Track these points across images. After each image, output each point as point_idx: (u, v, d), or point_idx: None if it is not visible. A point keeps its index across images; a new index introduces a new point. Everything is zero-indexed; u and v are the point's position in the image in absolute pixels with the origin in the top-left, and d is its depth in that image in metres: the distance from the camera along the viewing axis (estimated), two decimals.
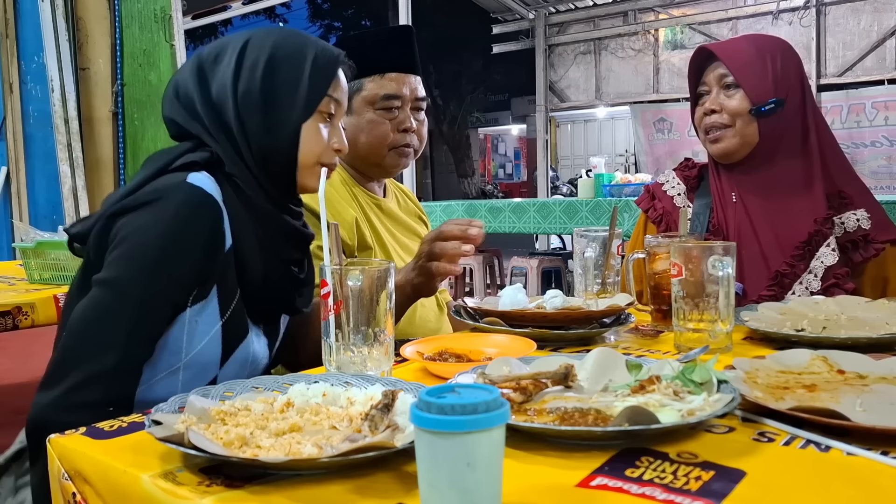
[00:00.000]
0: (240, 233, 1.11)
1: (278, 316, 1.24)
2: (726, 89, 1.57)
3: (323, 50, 1.18)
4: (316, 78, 1.15)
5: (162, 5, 4.45)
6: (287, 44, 1.17)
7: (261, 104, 1.13)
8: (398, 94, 1.63)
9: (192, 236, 1.04)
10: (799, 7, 6.82)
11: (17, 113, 4.61)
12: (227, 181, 1.12)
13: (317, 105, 1.16)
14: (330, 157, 1.19)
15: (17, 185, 4.64)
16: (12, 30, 4.59)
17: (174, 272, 1.03)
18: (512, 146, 23.54)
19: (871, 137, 6.78)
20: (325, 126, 1.18)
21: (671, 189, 1.73)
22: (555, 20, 8.33)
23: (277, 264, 1.16)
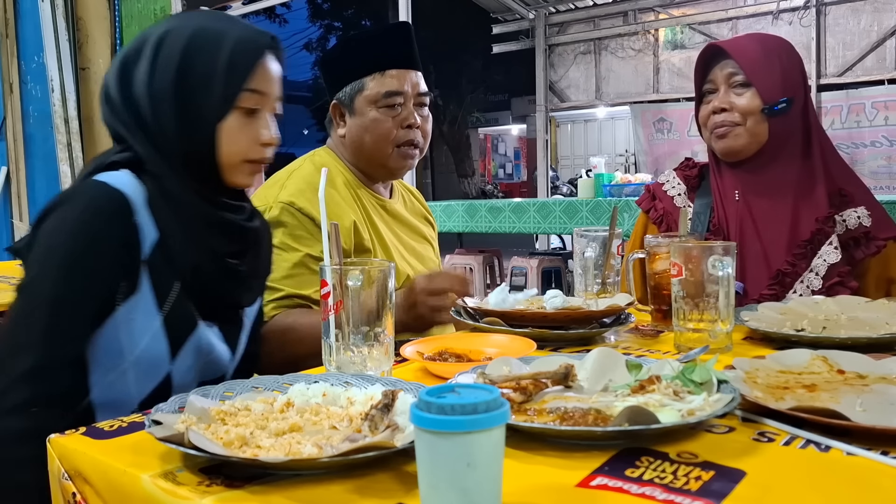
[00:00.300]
0: (166, 227, 1.09)
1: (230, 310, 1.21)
2: (736, 87, 1.57)
3: (241, 40, 1.12)
4: (232, 72, 1.10)
5: (162, 5, 4.45)
6: (203, 35, 1.11)
7: (175, 103, 1.10)
8: (400, 90, 1.62)
9: (100, 233, 1.04)
10: (799, 7, 6.82)
11: (17, 113, 4.61)
12: (151, 177, 1.11)
13: (233, 102, 1.10)
14: (258, 153, 1.14)
15: (17, 185, 4.64)
16: (12, 30, 4.59)
17: (85, 270, 1.03)
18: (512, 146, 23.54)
19: (871, 137, 6.78)
20: (248, 121, 1.12)
21: (671, 189, 1.73)
22: (555, 20, 8.33)
23: (210, 257, 1.13)
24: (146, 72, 1.11)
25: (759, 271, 1.55)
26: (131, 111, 1.12)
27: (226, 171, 1.14)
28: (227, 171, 1.14)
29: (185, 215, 1.11)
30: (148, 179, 1.10)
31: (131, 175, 1.09)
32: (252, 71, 1.11)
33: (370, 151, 1.64)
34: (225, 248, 1.16)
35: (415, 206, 1.87)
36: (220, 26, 1.13)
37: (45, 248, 1.05)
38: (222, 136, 1.11)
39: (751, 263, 1.56)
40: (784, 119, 1.55)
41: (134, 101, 1.12)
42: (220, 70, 1.09)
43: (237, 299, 1.21)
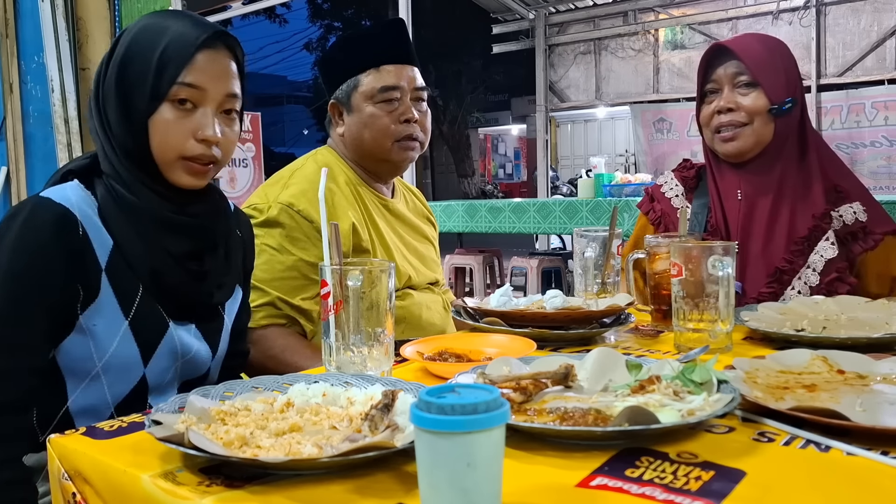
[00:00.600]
0: (119, 233, 1.09)
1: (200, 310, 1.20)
2: (741, 88, 1.56)
3: (180, 34, 1.10)
4: (163, 66, 1.08)
5: (162, 5, 4.45)
6: (145, 32, 1.11)
7: (117, 99, 1.10)
8: (396, 84, 1.62)
9: (41, 248, 1.04)
10: (799, 7, 6.82)
11: (17, 113, 4.60)
12: (104, 181, 1.11)
13: (163, 95, 1.08)
14: (195, 150, 1.10)
15: (17, 185, 4.64)
16: (12, 30, 4.59)
17: (25, 285, 1.03)
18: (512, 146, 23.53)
19: (871, 137, 6.78)
20: (183, 117, 1.09)
21: (669, 191, 1.73)
22: (555, 20, 8.33)
23: (167, 259, 1.12)
24: (102, 72, 1.13)
25: (759, 270, 1.55)
26: (96, 109, 1.14)
27: (163, 169, 1.11)
28: (164, 169, 1.11)
29: (137, 218, 1.11)
30: (99, 186, 1.11)
31: (79, 187, 1.10)
32: (186, 64, 1.08)
33: (370, 147, 1.64)
34: (182, 247, 1.14)
35: (416, 206, 1.87)
36: (165, 22, 1.12)
37: None
38: (153, 129, 1.09)
39: (751, 263, 1.56)
40: (788, 119, 1.56)
41: (98, 99, 1.13)
42: (153, 63, 1.08)
43: (207, 298, 1.19)
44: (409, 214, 1.77)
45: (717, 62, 1.59)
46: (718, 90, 1.59)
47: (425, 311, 1.62)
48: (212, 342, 1.21)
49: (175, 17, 1.13)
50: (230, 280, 1.24)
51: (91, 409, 1.10)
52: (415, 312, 1.60)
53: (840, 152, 6.37)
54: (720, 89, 1.59)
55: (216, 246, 1.19)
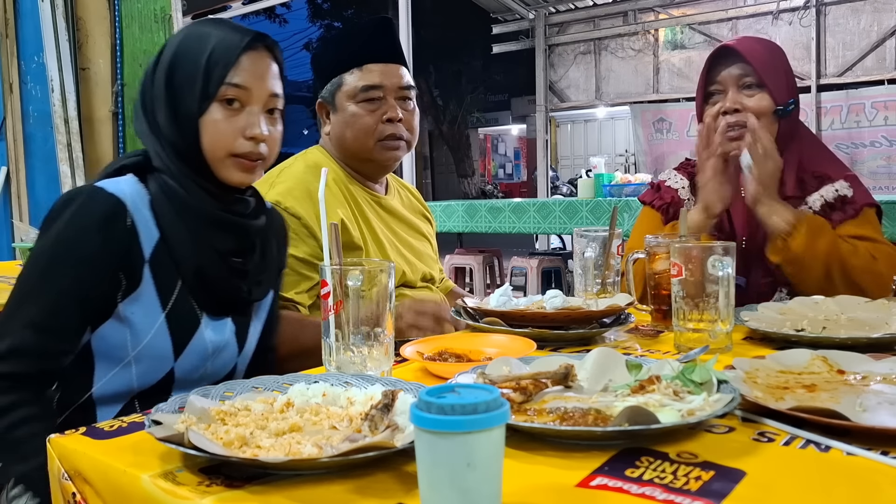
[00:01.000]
0: (168, 227, 1.13)
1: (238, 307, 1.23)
2: (746, 89, 1.57)
3: (224, 38, 1.15)
4: (211, 68, 1.13)
5: (162, 5, 4.45)
6: (190, 37, 1.17)
7: (167, 102, 1.15)
8: (379, 83, 1.61)
9: (87, 237, 1.08)
10: (799, 7, 6.82)
11: (17, 113, 4.60)
12: (157, 177, 1.15)
13: (213, 96, 1.13)
14: (244, 147, 1.15)
15: (17, 185, 4.63)
16: (12, 30, 4.59)
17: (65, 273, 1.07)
18: (512, 146, 23.54)
19: (871, 137, 6.78)
20: (231, 116, 1.14)
21: (674, 183, 1.73)
22: (555, 20, 8.33)
23: (213, 255, 1.16)
24: (150, 77, 1.18)
25: (761, 266, 1.57)
26: (146, 113, 1.19)
27: (214, 167, 1.16)
28: (215, 167, 1.16)
29: (187, 214, 1.14)
30: (153, 181, 1.15)
31: (134, 180, 1.15)
32: (232, 65, 1.14)
33: (352, 146, 1.64)
34: (228, 245, 1.18)
35: (412, 202, 1.86)
36: (207, 29, 1.18)
37: (36, 250, 1.10)
38: (204, 129, 1.14)
39: (754, 259, 1.57)
40: (789, 119, 1.58)
41: (146, 103, 1.19)
42: (201, 66, 1.13)
43: (245, 295, 1.22)
44: (403, 210, 1.77)
45: (722, 64, 1.60)
46: (723, 91, 1.60)
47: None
48: (241, 339, 1.24)
49: (216, 25, 1.20)
50: (266, 278, 1.27)
51: (114, 396, 1.13)
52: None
53: (840, 152, 6.37)
54: (724, 91, 1.59)
55: (255, 245, 1.24)
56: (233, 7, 8.01)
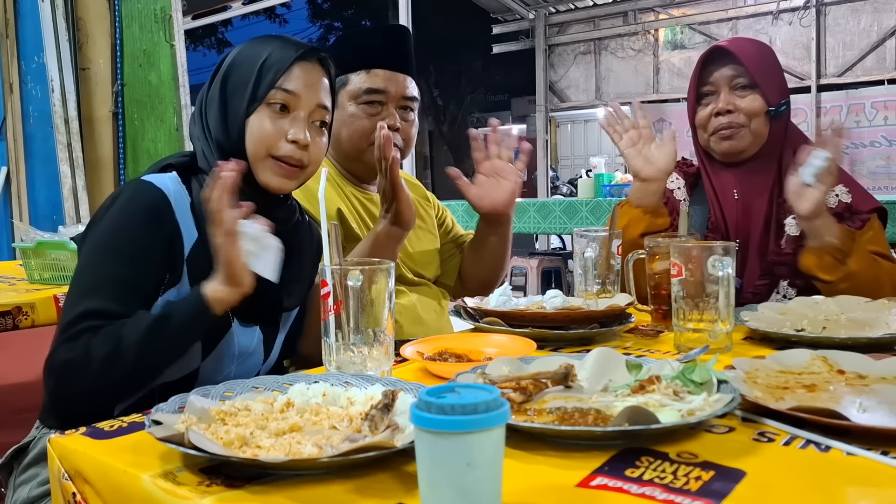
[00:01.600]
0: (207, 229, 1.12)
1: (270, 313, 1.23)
2: (739, 90, 1.58)
3: (280, 48, 1.19)
4: (264, 73, 1.17)
5: (162, 5, 4.45)
6: (249, 47, 1.22)
7: (218, 105, 1.18)
8: (383, 88, 1.61)
9: (141, 227, 1.10)
10: (799, 7, 6.82)
11: (17, 113, 4.60)
12: (200, 178, 1.18)
13: (262, 98, 1.16)
14: (284, 150, 1.17)
15: (17, 185, 4.63)
16: (12, 30, 4.59)
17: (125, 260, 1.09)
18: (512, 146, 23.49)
19: (871, 137, 6.78)
20: (277, 119, 1.17)
21: (671, 183, 1.73)
22: (555, 20, 8.33)
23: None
24: (208, 85, 1.22)
25: (756, 267, 1.58)
26: (199, 116, 1.23)
27: (256, 169, 1.18)
28: (256, 168, 1.17)
29: None
30: (195, 182, 1.18)
31: (177, 179, 1.17)
32: (284, 71, 1.17)
33: (346, 146, 1.63)
34: None
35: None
36: (268, 40, 1.22)
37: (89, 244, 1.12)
38: (250, 128, 1.17)
39: (749, 260, 1.58)
40: (781, 121, 1.59)
41: (201, 108, 1.23)
42: (255, 70, 1.17)
43: (276, 303, 1.23)
44: None
45: (714, 64, 1.60)
46: (715, 92, 1.60)
47: (420, 308, 1.63)
48: (267, 348, 1.24)
49: (276, 37, 1.24)
50: (299, 288, 1.28)
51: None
52: (408, 307, 1.61)
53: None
54: (717, 91, 1.59)
55: (292, 254, 1.23)
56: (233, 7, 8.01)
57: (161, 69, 4.44)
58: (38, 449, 1.13)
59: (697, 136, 1.66)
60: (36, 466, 1.13)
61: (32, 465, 1.13)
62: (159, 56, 4.47)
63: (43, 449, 1.12)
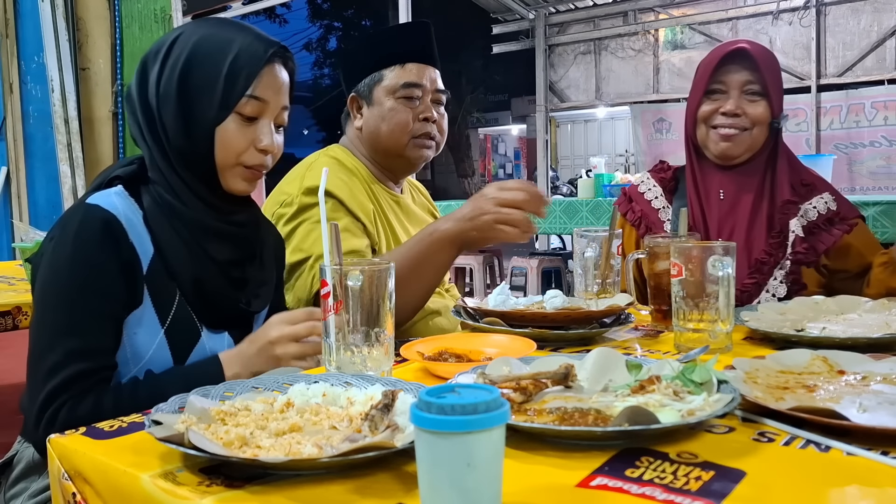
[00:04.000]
0: (163, 240, 1.12)
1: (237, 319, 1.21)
2: (749, 95, 1.58)
3: (248, 46, 1.13)
4: (233, 78, 1.11)
5: (162, 5, 4.45)
6: (210, 40, 1.13)
7: (178, 104, 1.12)
8: (419, 82, 1.64)
9: (95, 257, 1.06)
10: (799, 7, 6.81)
11: (17, 113, 4.60)
12: (150, 189, 1.14)
13: (233, 106, 1.11)
14: (254, 159, 1.15)
15: (17, 185, 4.63)
16: (12, 30, 4.59)
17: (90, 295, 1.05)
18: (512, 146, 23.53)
19: (870, 137, 6.77)
20: (246, 126, 1.13)
21: (648, 192, 1.74)
22: (555, 20, 8.32)
23: (210, 265, 1.14)
24: (157, 74, 1.13)
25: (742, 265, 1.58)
26: (145, 112, 1.14)
27: (223, 175, 1.15)
28: (224, 175, 1.15)
29: (182, 225, 1.12)
30: (145, 194, 1.13)
31: (125, 194, 1.12)
32: (254, 78, 1.12)
33: (386, 141, 1.65)
34: (225, 255, 1.16)
35: (422, 201, 1.88)
36: (229, 33, 1.14)
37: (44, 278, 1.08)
38: (220, 139, 1.12)
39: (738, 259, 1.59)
40: (775, 132, 1.62)
41: (147, 101, 1.14)
42: (222, 75, 1.11)
43: (244, 306, 1.21)
44: (416, 209, 1.78)
45: (732, 64, 1.60)
46: (725, 92, 1.60)
47: (434, 314, 1.63)
48: None
49: (238, 29, 1.16)
50: (266, 290, 1.26)
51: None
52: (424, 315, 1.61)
53: (839, 152, 6.38)
54: (727, 91, 1.60)
55: (255, 255, 1.22)
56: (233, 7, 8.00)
57: None
58: (23, 463, 1.13)
59: (695, 130, 1.66)
60: (24, 480, 1.12)
61: (21, 479, 1.13)
62: None
63: (29, 462, 1.12)
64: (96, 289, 1.05)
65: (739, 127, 1.57)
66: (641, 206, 1.73)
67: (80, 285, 1.05)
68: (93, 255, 1.06)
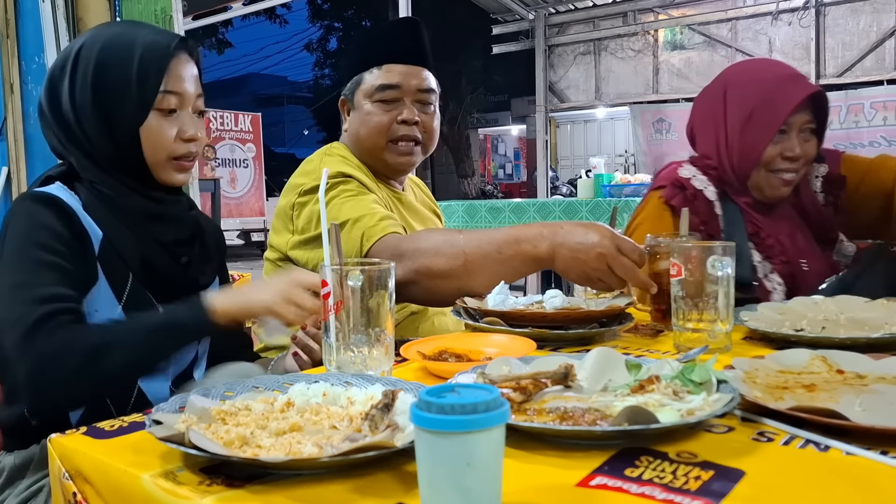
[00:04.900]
0: (107, 226, 1.16)
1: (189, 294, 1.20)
2: (805, 133, 1.59)
3: (151, 45, 1.17)
4: (144, 78, 1.15)
5: (162, 6, 4.45)
6: (113, 46, 1.17)
7: (95, 112, 1.16)
8: (395, 84, 1.61)
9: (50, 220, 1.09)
10: (798, 7, 6.82)
11: (17, 113, 4.60)
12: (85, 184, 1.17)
13: (150, 104, 1.16)
14: (182, 149, 1.20)
15: (17, 185, 4.63)
16: (13, 30, 4.59)
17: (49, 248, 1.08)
18: (512, 146, 23.55)
19: (870, 137, 6.77)
20: (168, 120, 1.18)
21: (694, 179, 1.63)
22: (555, 20, 8.33)
23: (155, 246, 1.20)
24: (68, 86, 1.17)
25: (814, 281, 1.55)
26: (61, 125, 1.18)
27: (156, 171, 1.20)
28: (156, 170, 1.20)
29: (123, 213, 1.17)
30: (81, 188, 1.17)
31: (63, 187, 1.16)
32: (164, 73, 1.16)
33: (365, 145, 1.64)
34: (169, 237, 1.22)
35: (424, 199, 1.88)
36: (130, 34, 1.18)
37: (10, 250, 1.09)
38: (144, 138, 1.17)
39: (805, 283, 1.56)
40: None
41: (62, 114, 1.18)
42: (133, 76, 1.15)
43: (192, 284, 1.25)
44: (419, 206, 1.78)
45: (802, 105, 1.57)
46: (788, 132, 1.58)
47: (440, 315, 1.63)
48: None
49: (137, 28, 1.21)
50: (210, 269, 1.32)
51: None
52: (430, 315, 1.61)
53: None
54: (789, 132, 1.58)
55: (194, 237, 1.28)
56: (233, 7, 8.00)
57: None
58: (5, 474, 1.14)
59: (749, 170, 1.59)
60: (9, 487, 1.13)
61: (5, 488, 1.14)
62: None
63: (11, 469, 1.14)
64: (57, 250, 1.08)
65: (797, 170, 1.56)
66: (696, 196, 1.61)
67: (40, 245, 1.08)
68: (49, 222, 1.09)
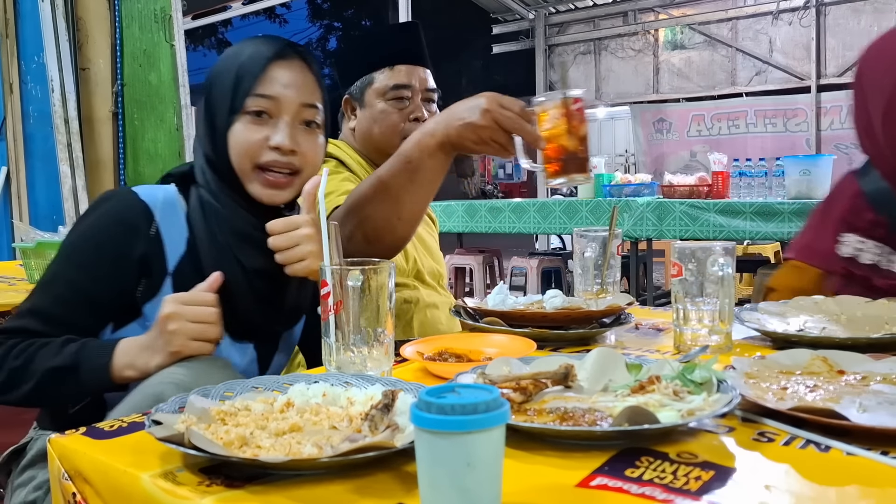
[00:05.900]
0: (199, 238, 1.14)
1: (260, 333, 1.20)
2: None
3: (252, 52, 1.15)
4: (239, 81, 1.14)
5: (162, 5, 4.45)
6: (224, 58, 1.19)
7: (204, 118, 1.17)
8: (408, 83, 1.66)
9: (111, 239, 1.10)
10: (799, 7, 6.82)
11: (17, 113, 4.60)
12: (197, 189, 1.17)
13: (239, 107, 1.13)
14: (267, 157, 1.13)
15: (17, 185, 4.63)
16: (12, 30, 4.59)
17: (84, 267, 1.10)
18: None
19: None
20: (258, 126, 1.13)
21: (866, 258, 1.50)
22: (555, 20, 8.33)
23: (237, 272, 1.12)
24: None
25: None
26: (197, 132, 1.24)
27: (245, 183, 1.15)
28: (244, 181, 1.15)
29: (219, 226, 1.14)
30: (193, 193, 1.17)
31: (174, 190, 1.17)
32: (258, 75, 1.13)
33: (378, 142, 1.68)
34: (256, 264, 1.14)
35: None
36: (242, 45, 1.19)
37: (65, 242, 1.14)
38: (232, 141, 1.14)
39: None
40: None
41: (197, 123, 1.23)
42: (231, 79, 1.14)
43: (267, 323, 1.19)
44: None
45: None
46: None
47: (430, 310, 1.64)
48: (262, 368, 1.22)
49: (252, 40, 1.20)
50: (297, 310, 1.23)
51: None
52: (423, 307, 1.62)
53: (839, 152, 6.37)
54: None
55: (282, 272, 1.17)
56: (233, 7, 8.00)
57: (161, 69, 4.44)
58: (35, 450, 1.13)
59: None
60: (32, 468, 1.12)
61: (29, 468, 1.13)
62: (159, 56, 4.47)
63: (39, 450, 1.12)
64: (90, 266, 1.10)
65: None
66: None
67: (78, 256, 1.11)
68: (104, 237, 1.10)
